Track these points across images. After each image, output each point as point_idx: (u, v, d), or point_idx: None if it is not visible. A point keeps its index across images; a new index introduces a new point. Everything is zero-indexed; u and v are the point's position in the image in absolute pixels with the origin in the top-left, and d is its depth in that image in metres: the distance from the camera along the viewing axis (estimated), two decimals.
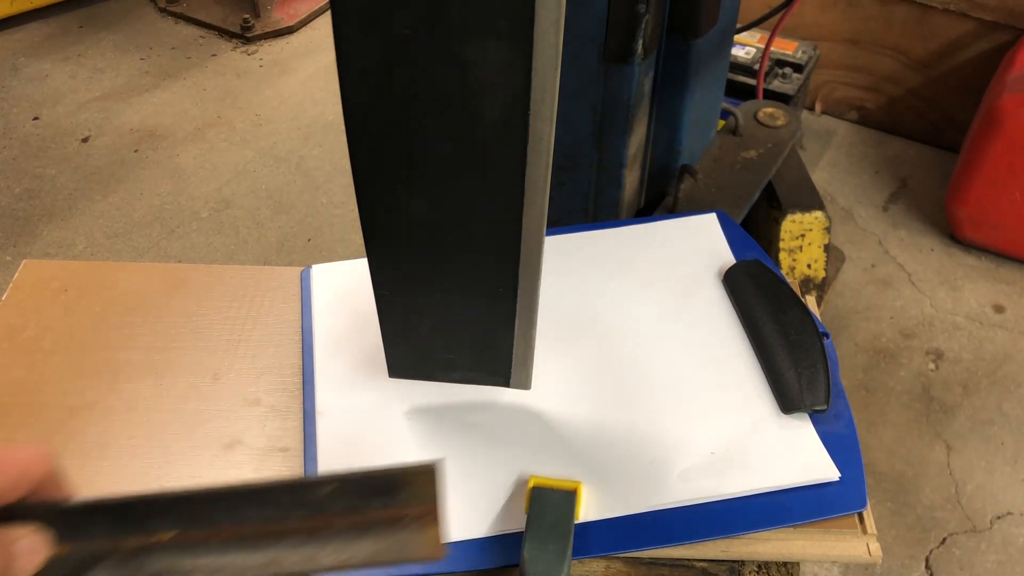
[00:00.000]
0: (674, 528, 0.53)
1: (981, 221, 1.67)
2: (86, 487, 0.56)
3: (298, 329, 0.66)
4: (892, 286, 1.67)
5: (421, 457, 0.57)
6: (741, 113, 1.12)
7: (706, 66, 0.84)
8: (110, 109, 2.18)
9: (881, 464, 1.35)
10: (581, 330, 0.65)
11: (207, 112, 2.18)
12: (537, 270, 0.46)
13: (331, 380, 0.62)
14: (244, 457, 0.58)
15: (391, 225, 0.44)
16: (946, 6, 1.71)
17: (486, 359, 0.54)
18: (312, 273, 0.70)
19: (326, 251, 1.79)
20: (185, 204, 1.91)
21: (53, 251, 1.79)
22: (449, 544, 0.52)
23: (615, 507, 0.54)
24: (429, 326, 0.52)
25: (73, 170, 2.00)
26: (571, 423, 0.58)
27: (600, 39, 0.72)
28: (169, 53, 2.40)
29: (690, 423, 0.58)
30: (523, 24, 0.35)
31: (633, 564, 0.54)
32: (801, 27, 1.83)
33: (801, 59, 1.57)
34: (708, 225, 0.73)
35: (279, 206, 1.90)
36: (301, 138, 2.09)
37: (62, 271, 0.71)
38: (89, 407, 0.61)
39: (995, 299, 1.64)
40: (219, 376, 0.63)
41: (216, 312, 0.68)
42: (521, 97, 0.37)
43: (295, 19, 2.48)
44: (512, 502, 0.54)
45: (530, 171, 0.41)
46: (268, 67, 2.35)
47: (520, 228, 0.43)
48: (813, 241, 1.36)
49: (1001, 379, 1.49)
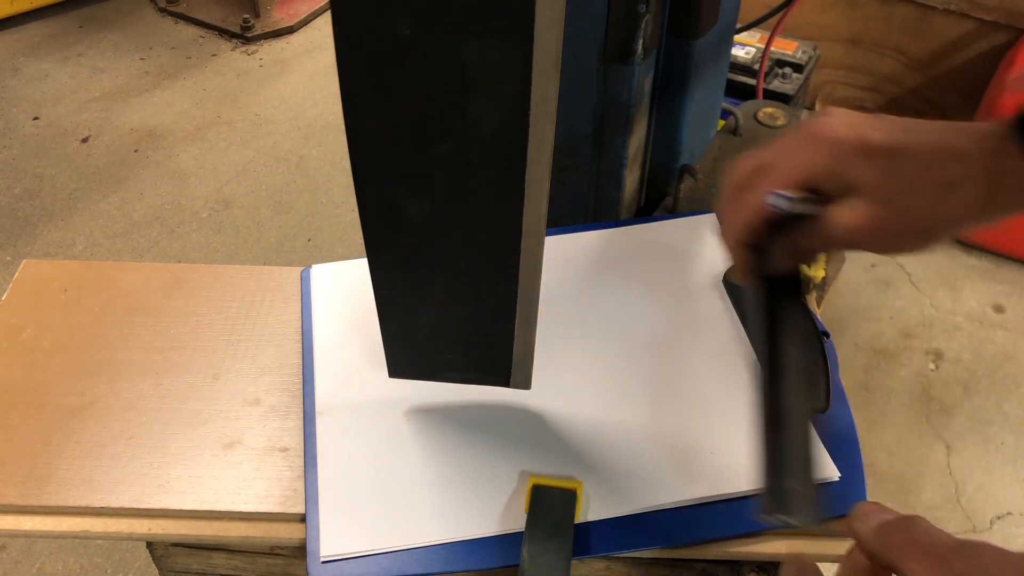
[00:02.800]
0: (674, 528, 0.53)
1: None
2: (86, 487, 0.56)
3: (298, 329, 0.66)
4: (892, 286, 1.67)
5: (421, 457, 0.57)
6: (741, 113, 1.12)
7: (706, 66, 0.84)
8: (110, 109, 2.18)
9: (881, 464, 1.35)
10: (581, 330, 0.65)
11: (207, 112, 2.18)
12: (537, 270, 0.46)
13: (331, 380, 0.62)
14: (244, 457, 0.58)
15: (391, 225, 0.44)
16: (946, 6, 1.71)
17: (486, 359, 0.54)
18: (312, 273, 0.70)
19: (326, 251, 1.79)
20: (185, 204, 1.91)
21: (53, 251, 1.79)
22: (449, 544, 0.52)
23: (615, 507, 0.54)
24: (429, 326, 0.52)
25: (73, 170, 2.00)
26: (571, 423, 0.58)
27: (600, 39, 0.72)
28: (169, 53, 2.40)
29: (690, 423, 0.58)
30: (523, 24, 0.35)
31: (633, 564, 0.54)
32: (801, 27, 1.83)
33: (801, 59, 1.57)
34: (708, 225, 0.73)
35: (279, 206, 1.90)
36: (301, 138, 2.09)
37: (62, 271, 0.71)
38: (89, 407, 0.61)
39: (995, 299, 1.64)
40: (219, 376, 0.63)
41: (216, 312, 0.68)
42: (521, 97, 0.37)
43: (295, 19, 2.49)
44: (512, 502, 0.54)
45: (530, 171, 0.41)
46: (268, 67, 2.35)
47: (520, 228, 0.43)
48: None
49: (1001, 379, 1.49)
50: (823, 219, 0.50)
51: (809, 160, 0.50)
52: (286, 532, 0.55)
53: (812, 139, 0.50)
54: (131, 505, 0.55)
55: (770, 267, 0.53)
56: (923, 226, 0.49)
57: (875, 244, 0.51)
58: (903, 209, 0.49)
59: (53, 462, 0.57)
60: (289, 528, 0.55)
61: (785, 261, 0.53)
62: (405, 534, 0.52)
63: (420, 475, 0.55)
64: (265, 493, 0.55)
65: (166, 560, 0.60)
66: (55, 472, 0.57)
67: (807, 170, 0.50)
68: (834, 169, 0.49)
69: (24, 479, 0.56)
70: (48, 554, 1.31)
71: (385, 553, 0.52)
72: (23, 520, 0.55)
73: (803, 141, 0.51)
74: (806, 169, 0.50)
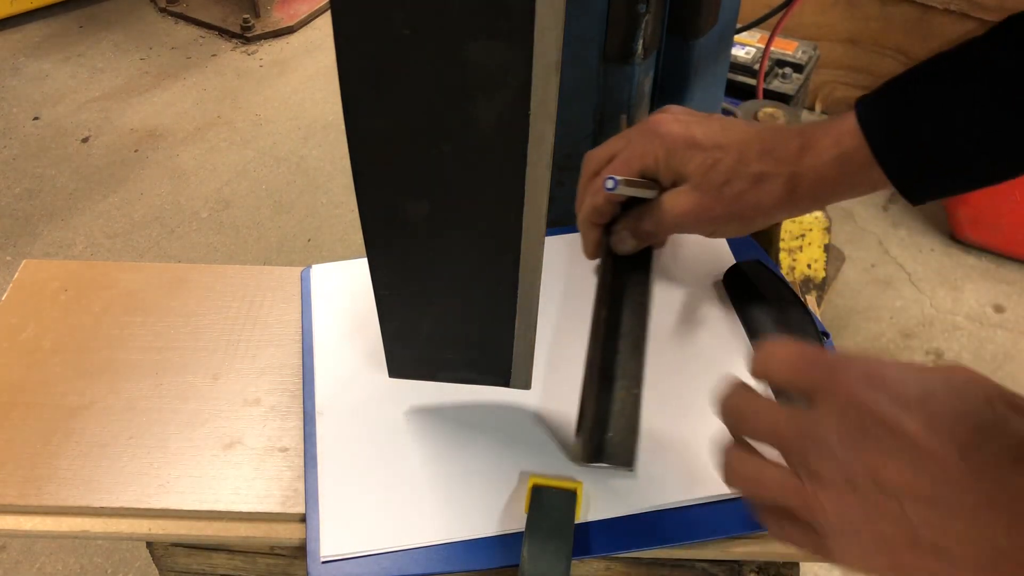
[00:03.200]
0: (674, 528, 0.53)
1: (981, 221, 1.67)
2: (86, 487, 0.56)
3: (298, 329, 0.66)
4: (892, 286, 1.67)
5: (421, 457, 0.57)
6: (741, 113, 1.12)
7: (706, 66, 0.84)
8: (110, 109, 2.18)
9: None
10: (581, 330, 0.65)
11: (207, 112, 2.18)
12: (537, 270, 0.46)
13: (331, 380, 0.62)
14: (244, 457, 0.58)
15: (391, 225, 0.44)
16: (946, 6, 1.71)
17: (486, 359, 0.54)
18: (312, 273, 0.70)
19: (326, 251, 1.80)
20: (185, 204, 1.91)
21: (53, 251, 1.79)
22: (449, 544, 0.52)
23: (615, 507, 0.54)
24: (429, 326, 0.52)
25: (73, 170, 2.00)
26: (571, 423, 0.58)
27: (600, 39, 0.72)
28: (169, 53, 2.40)
29: (690, 423, 0.58)
30: (523, 24, 0.35)
31: (633, 564, 0.54)
32: (801, 27, 1.83)
33: (801, 59, 1.57)
34: None
35: (279, 206, 1.90)
36: (301, 138, 2.10)
37: (62, 271, 0.71)
38: (89, 407, 0.61)
39: (995, 299, 1.64)
40: (219, 376, 0.63)
41: (216, 312, 0.68)
42: (521, 97, 0.37)
43: (295, 19, 2.49)
44: (512, 502, 0.54)
45: (530, 171, 0.41)
46: (268, 67, 2.35)
47: (520, 228, 0.43)
48: (813, 241, 1.36)
49: (1001, 379, 1.48)
50: (656, 203, 0.58)
51: (646, 151, 0.58)
52: (286, 532, 0.55)
53: (649, 133, 0.58)
54: (131, 505, 0.55)
55: (616, 246, 0.62)
56: (738, 212, 0.57)
57: (700, 227, 0.59)
58: (722, 197, 0.56)
59: (53, 462, 0.57)
60: (289, 528, 0.55)
61: (630, 241, 0.61)
62: (405, 534, 0.52)
63: (420, 475, 0.55)
64: (265, 493, 0.55)
65: (166, 560, 0.60)
66: (55, 472, 0.57)
67: (644, 160, 0.58)
68: (666, 160, 0.57)
69: (24, 479, 0.56)
70: (48, 554, 1.31)
71: (385, 553, 0.52)
72: (23, 520, 0.55)
73: (642, 134, 0.59)
74: (643, 159, 0.58)
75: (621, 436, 0.52)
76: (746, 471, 0.40)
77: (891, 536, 0.35)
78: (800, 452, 0.37)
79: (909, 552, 0.35)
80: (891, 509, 0.35)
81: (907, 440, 0.34)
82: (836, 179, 0.53)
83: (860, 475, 0.35)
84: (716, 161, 0.56)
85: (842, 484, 0.36)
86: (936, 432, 0.34)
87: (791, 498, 0.38)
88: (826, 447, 0.36)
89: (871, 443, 0.35)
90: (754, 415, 0.40)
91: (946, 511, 0.34)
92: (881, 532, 0.35)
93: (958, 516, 0.34)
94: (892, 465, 0.35)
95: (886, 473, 0.35)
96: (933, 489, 0.34)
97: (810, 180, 0.54)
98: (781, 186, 0.55)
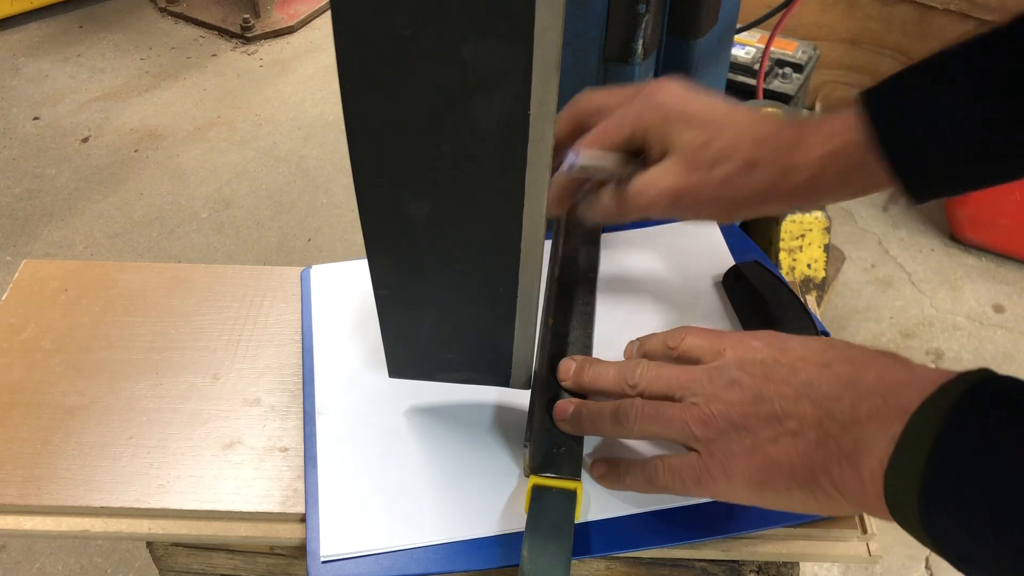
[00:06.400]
0: (674, 528, 0.53)
1: (981, 221, 1.68)
2: (86, 487, 0.56)
3: (298, 329, 0.66)
4: (892, 286, 1.68)
5: (421, 457, 0.57)
6: None
7: (706, 66, 0.84)
8: (110, 109, 2.18)
9: None
10: None
11: (207, 112, 2.18)
12: (537, 270, 0.46)
13: (331, 380, 0.62)
14: (244, 457, 0.58)
15: (391, 225, 0.44)
16: (946, 6, 1.71)
17: (486, 359, 0.54)
18: (312, 273, 0.70)
19: (326, 251, 1.80)
20: (185, 204, 1.91)
21: (53, 251, 1.80)
22: (449, 544, 0.52)
23: (615, 507, 0.54)
24: (429, 326, 0.52)
25: (73, 170, 2.00)
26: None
27: (600, 39, 0.72)
28: (169, 53, 2.40)
29: None
30: (523, 24, 0.35)
31: (633, 564, 0.54)
32: (801, 27, 1.83)
33: (801, 59, 1.57)
34: (707, 226, 0.73)
35: (279, 206, 1.91)
36: (301, 138, 2.10)
37: (62, 271, 0.71)
38: (89, 407, 0.61)
39: (995, 299, 1.65)
40: (219, 376, 0.63)
41: (216, 312, 0.68)
42: (521, 97, 0.38)
43: (295, 19, 2.49)
44: (512, 502, 0.54)
45: (530, 171, 0.41)
46: (268, 67, 2.35)
47: (520, 228, 0.43)
48: (813, 241, 1.36)
49: None
50: (635, 178, 0.56)
51: (640, 115, 0.55)
52: (286, 532, 0.55)
53: (647, 97, 0.56)
54: (131, 505, 0.55)
55: (583, 212, 0.61)
56: (725, 195, 0.54)
57: (679, 207, 0.56)
58: (710, 177, 0.54)
59: (53, 462, 0.57)
60: (289, 528, 0.55)
61: (599, 213, 0.59)
62: (405, 534, 0.52)
63: (420, 475, 0.56)
64: (265, 493, 0.55)
65: (166, 560, 0.60)
66: (55, 472, 0.57)
67: (637, 124, 0.56)
68: (659, 128, 0.55)
69: (24, 479, 0.56)
70: (48, 554, 1.31)
71: (385, 553, 0.52)
72: (23, 520, 0.55)
73: (641, 98, 0.56)
74: (635, 123, 0.56)
75: (569, 446, 0.52)
76: (649, 411, 0.49)
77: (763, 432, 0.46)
78: (687, 386, 0.48)
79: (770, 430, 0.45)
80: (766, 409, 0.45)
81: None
82: (829, 175, 0.52)
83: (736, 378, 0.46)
84: (710, 138, 0.54)
85: (725, 387, 0.46)
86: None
87: (691, 423, 0.47)
88: (707, 375, 0.48)
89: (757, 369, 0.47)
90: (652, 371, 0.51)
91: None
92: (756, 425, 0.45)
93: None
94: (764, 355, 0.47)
95: (755, 356, 0.47)
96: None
97: (802, 174, 0.52)
98: (772, 176, 0.53)
